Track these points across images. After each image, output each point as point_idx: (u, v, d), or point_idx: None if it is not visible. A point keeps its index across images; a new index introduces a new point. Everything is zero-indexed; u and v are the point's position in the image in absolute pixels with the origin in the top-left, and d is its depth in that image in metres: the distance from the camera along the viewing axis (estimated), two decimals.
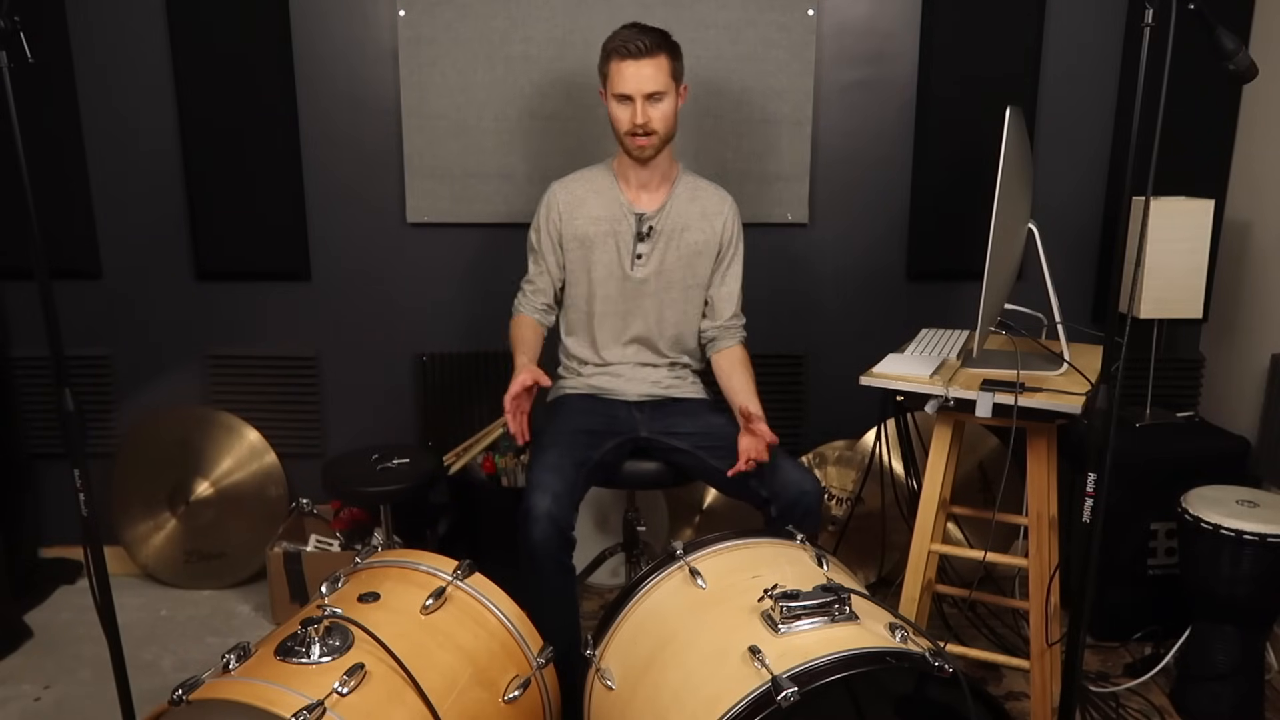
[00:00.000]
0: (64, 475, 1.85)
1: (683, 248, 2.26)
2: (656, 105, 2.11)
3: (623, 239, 2.26)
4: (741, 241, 2.33)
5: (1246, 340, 2.71)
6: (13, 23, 1.59)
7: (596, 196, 2.26)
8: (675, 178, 2.29)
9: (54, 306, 1.74)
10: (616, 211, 2.26)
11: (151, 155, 2.76)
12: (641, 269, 2.26)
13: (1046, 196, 2.79)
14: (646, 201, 2.26)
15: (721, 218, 2.28)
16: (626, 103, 2.11)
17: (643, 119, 2.10)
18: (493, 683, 1.64)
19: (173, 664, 2.54)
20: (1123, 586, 2.55)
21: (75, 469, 1.76)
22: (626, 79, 2.08)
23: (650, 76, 2.08)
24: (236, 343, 2.90)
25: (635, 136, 2.13)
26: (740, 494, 2.19)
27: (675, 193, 2.27)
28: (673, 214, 2.26)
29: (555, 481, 2.03)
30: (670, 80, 2.12)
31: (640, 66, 2.07)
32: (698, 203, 2.28)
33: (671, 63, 2.12)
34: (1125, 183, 1.60)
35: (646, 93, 2.09)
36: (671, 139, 2.20)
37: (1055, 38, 2.71)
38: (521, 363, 2.14)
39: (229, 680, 1.43)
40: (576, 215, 2.26)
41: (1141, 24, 1.53)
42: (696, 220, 2.27)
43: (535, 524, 1.97)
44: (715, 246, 2.28)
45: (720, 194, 2.31)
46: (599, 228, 2.25)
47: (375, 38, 2.70)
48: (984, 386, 1.99)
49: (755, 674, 1.39)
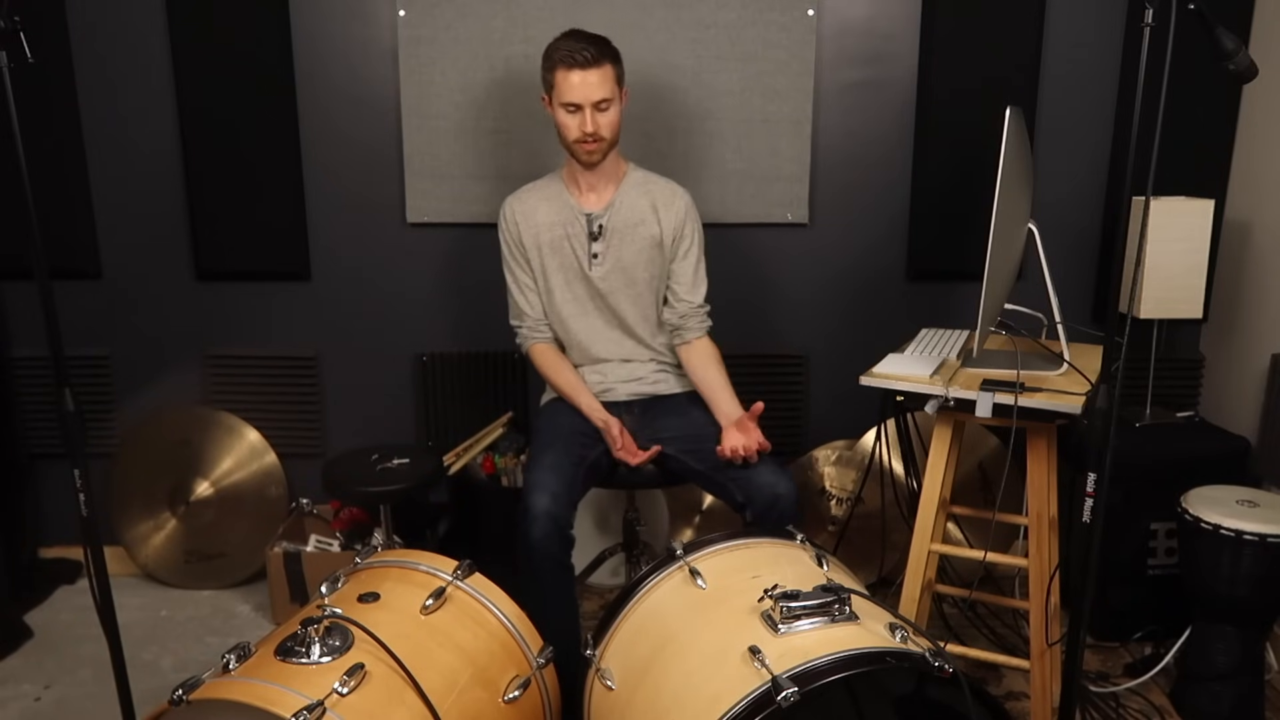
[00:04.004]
0: (64, 475, 1.85)
1: (638, 241, 2.28)
2: (604, 113, 2.15)
3: (577, 240, 2.28)
4: (698, 232, 2.33)
5: (1246, 340, 2.71)
6: (13, 23, 1.59)
7: (547, 204, 2.30)
8: (623, 176, 2.31)
9: (54, 306, 1.74)
10: (567, 215, 2.28)
11: (151, 155, 2.76)
12: (599, 268, 2.28)
13: (1046, 196, 2.79)
14: (594, 201, 2.29)
15: (673, 209, 2.29)
16: (575, 111, 2.14)
17: (592, 127, 2.14)
18: (493, 683, 1.64)
19: (173, 664, 2.54)
20: (1123, 586, 2.55)
21: (75, 469, 1.76)
22: (574, 88, 2.11)
23: (597, 85, 2.11)
24: (236, 343, 2.90)
25: (584, 143, 2.17)
26: (720, 495, 2.22)
27: (623, 189, 2.29)
28: (622, 209, 2.28)
29: (553, 480, 2.04)
30: (615, 87, 2.16)
31: (587, 75, 2.10)
32: (648, 196, 2.30)
33: (615, 69, 2.16)
34: (1125, 183, 1.60)
35: (594, 101, 2.12)
36: (617, 141, 2.23)
37: (1055, 38, 2.71)
38: (598, 416, 2.23)
39: (229, 680, 1.43)
40: (530, 224, 2.29)
41: (1141, 24, 1.53)
42: (648, 214, 2.28)
43: (534, 523, 1.98)
44: (671, 236, 2.30)
45: (672, 186, 2.32)
46: (553, 233, 2.28)
47: (375, 37, 2.70)
48: (984, 386, 1.99)
49: (755, 674, 1.39)
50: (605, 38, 2.15)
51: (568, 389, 2.30)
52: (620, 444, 2.19)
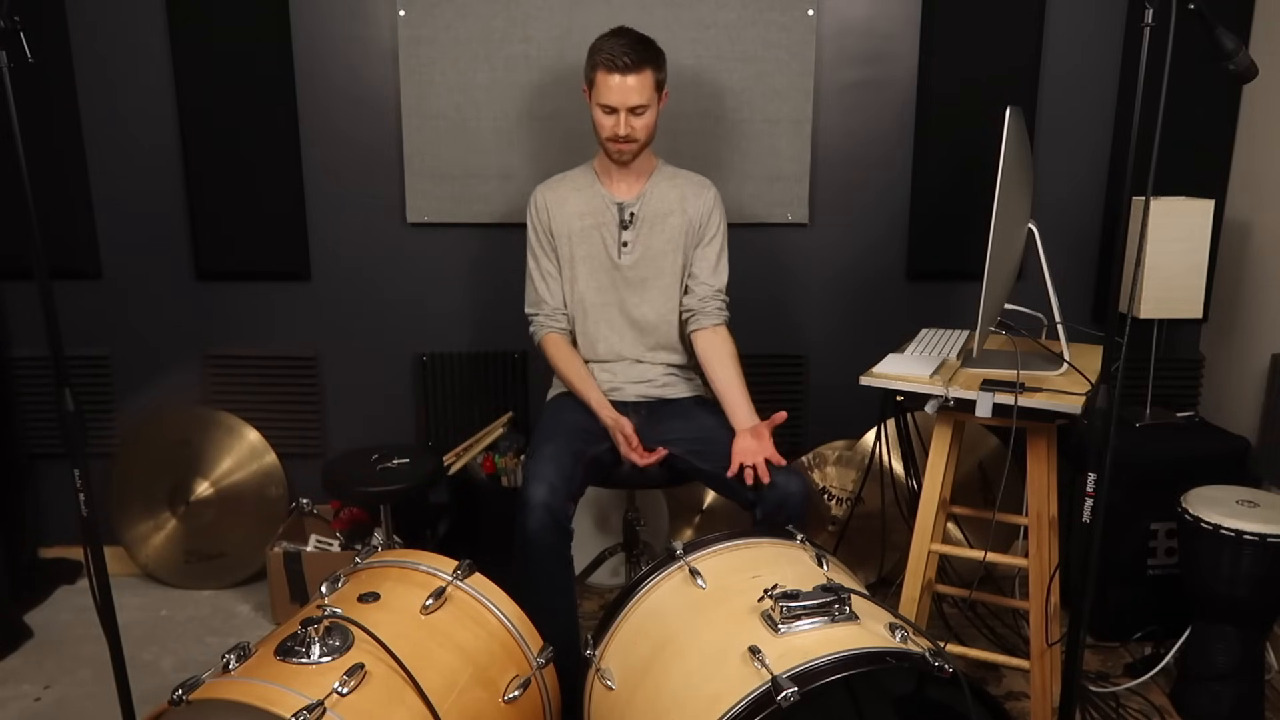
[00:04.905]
0: (64, 475, 1.85)
1: (667, 231, 2.30)
2: (639, 117, 2.17)
3: (607, 229, 2.30)
4: (723, 225, 2.35)
5: (1246, 340, 2.71)
6: (13, 23, 1.59)
7: (578, 194, 2.32)
8: (654, 169, 2.34)
9: (54, 306, 1.74)
10: (599, 204, 2.31)
11: (151, 155, 2.76)
12: (629, 255, 2.30)
13: (1046, 196, 2.79)
14: (625, 191, 2.32)
15: (701, 200, 2.32)
16: (611, 112, 2.17)
17: (625, 130, 2.17)
18: (493, 683, 1.64)
19: (173, 664, 2.54)
20: (1123, 586, 2.55)
21: (75, 469, 1.76)
22: (612, 91, 2.14)
23: (635, 90, 2.13)
24: (236, 343, 2.90)
25: (617, 143, 2.20)
26: (728, 494, 2.22)
27: (653, 180, 2.32)
28: (653, 199, 2.30)
29: (552, 472, 2.04)
30: (653, 93, 2.18)
31: (625, 80, 2.12)
32: (678, 189, 2.32)
33: (655, 75, 2.17)
34: (1125, 183, 1.60)
35: (630, 105, 2.15)
36: (651, 140, 2.25)
37: (1055, 38, 2.71)
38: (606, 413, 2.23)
39: (229, 680, 1.43)
40: (560, 212, 2.31)
41: (1141, 24, 1.53)
42: (677, 205, 2.31)
43: (531, 514, 1.98)
44: (698, 224, 2.32)
45: (702, 180, 2.36)
46: (584, 222, 2.30)
47: (375, 37, 2.70)
48: (984, 386, 1.99)
49: (755, 674, 1.39)
50: (650, 39, 2.17)
51: (578, 382, 2.30)
52: (633, 443, 2.19)
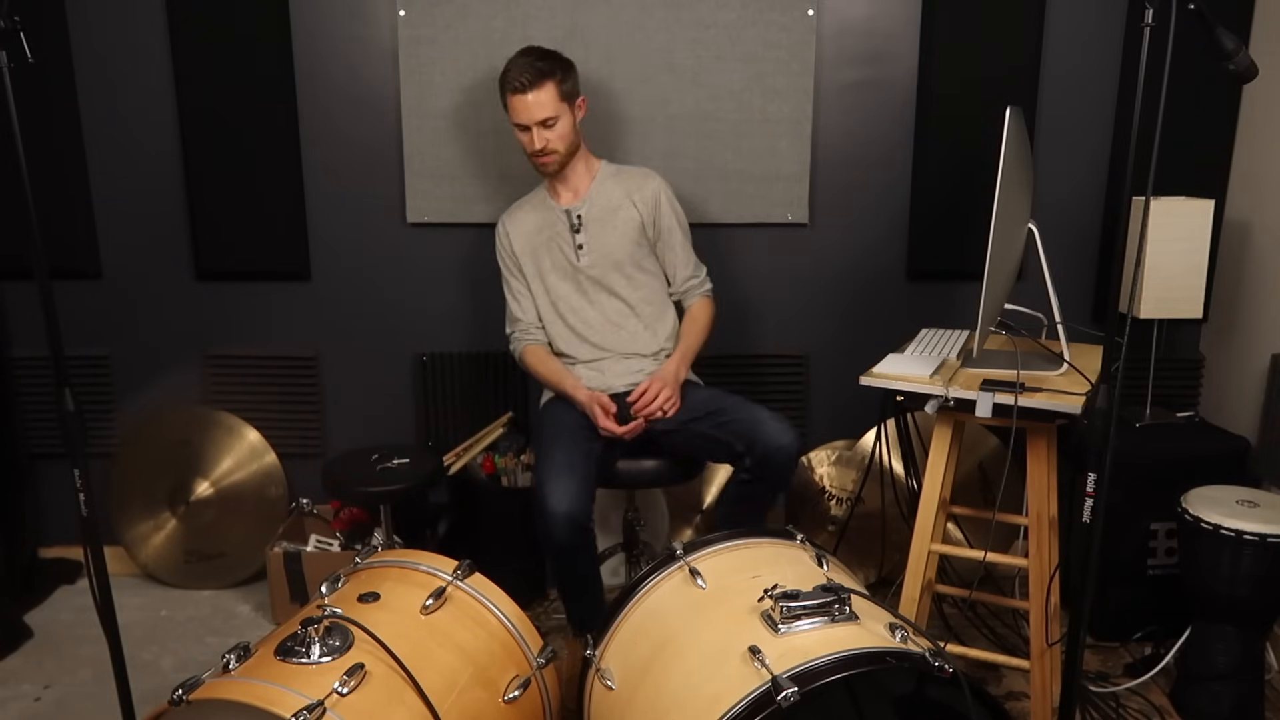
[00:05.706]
0: (64, 475, 1.85)
1: (620, 225, 2.39)
2: (551, 129, 2.27)
3: (562, 237, 2.40)
4: (678, 215, 2.45)
5: (1246, 340, 2.71)
6: (13, 23, 1.59)
7: (534, 212, 2.44)
8: (596, 172, 2.42)
9: (54, 306, 1.74)
10: (551, 216, 2.41)
11: (151, 155, 2.76)
12: (586, 256, 2.39)
13: (1046, 196, 2.79)
14: (572, 198, 2.43)
15: (646, 190, 2.41)
16: (525, 130, 2.27)
17: (541, 143, 2.27)
18: (493, 683, 1.64)
19: (173, 664, 2.54)
20: (1123, 586, 2.55)
21: (75, 469, 1.76)
22: (518, 111, 2.25)
23: (538, 105, 2.23)
24: (236, 343, 2.90)
25: (539, 158, 2.31)
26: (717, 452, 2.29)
27: (596, 182, 2.41)
28: (598, 199, 2.39)
29: (568, 480, 2.10)
30: (561, 103, 2.26)
31: (527, 98, 2.22)
32: (622, 184, 2.41)
33: (560, 86, 2.25)
34: (1125, 183, 1.60)
35: (538, 120, 2.24)
36: (577, 148, 2.35)
37: (1055, 38, 2.71)
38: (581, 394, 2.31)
39: (229, 680, 1.43)
40: (519, 233, 2.43)
41: (1141, 24, 1.53)
42: (623, 199, 2.40)
43: (556, 527, 2.06)
44: (650, 216, 2.40)
45: (645, 171, 2.45)
46: (542, 235, 2.41)
47: (375, 37, 2.70)
48: (984, 386, 1.99)
49: (755, 674, 1.39)
50: (553, 52, 2.27)
51: (553, 377, 2.39)
52: (609, 411, 2.26)
